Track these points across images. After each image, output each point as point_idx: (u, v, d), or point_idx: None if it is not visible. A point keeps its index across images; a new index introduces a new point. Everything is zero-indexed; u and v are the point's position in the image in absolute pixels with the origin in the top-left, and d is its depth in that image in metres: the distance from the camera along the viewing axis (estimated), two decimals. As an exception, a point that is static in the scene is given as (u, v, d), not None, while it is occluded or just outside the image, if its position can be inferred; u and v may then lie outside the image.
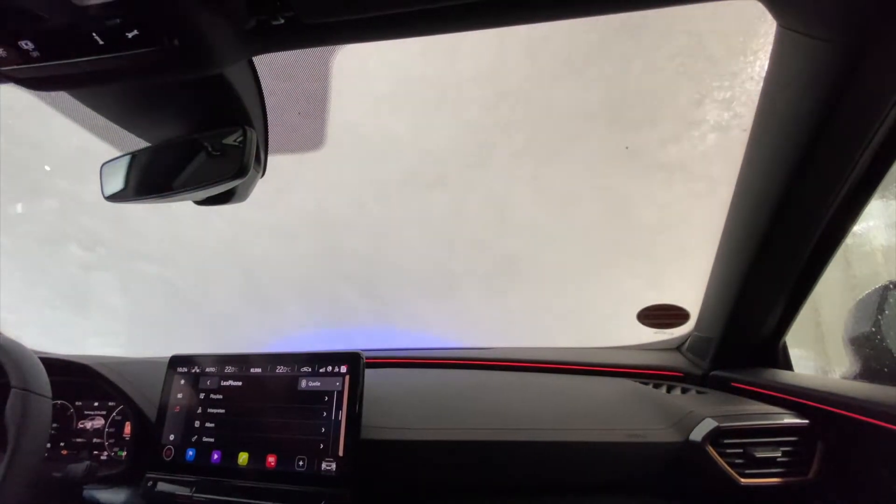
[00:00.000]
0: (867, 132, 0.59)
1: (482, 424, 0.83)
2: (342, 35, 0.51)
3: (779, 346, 0.92)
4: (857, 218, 0.70)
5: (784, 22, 0.57)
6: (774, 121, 0.68)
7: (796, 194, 0.69)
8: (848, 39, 0.52)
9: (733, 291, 0.88)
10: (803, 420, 0.73)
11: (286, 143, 1.17)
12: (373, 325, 1.48)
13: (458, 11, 0.46)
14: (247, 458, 0.82)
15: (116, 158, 0.67)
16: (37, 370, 0.75)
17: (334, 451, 0.77)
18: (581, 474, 0.78)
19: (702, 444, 0.73)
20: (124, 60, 0.44)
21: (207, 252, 1.46)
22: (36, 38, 0.42)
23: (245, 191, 0.70)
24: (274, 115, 0.66)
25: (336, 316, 1.49)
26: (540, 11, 0.48)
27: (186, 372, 0.92)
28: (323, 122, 1.11)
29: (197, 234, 1.43)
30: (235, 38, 0.47)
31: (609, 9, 0.49)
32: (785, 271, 0.79)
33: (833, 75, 0.56)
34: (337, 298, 1.47)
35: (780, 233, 0.75)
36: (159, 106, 0.61)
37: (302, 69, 0.97)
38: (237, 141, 0.58)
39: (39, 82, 0.49)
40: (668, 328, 1.21)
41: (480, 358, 1.23)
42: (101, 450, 0.99)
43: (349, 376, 0.82)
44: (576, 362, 1.16)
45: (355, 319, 1.47)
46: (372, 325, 1.48)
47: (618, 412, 0.87)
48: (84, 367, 0.99)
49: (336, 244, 1.38)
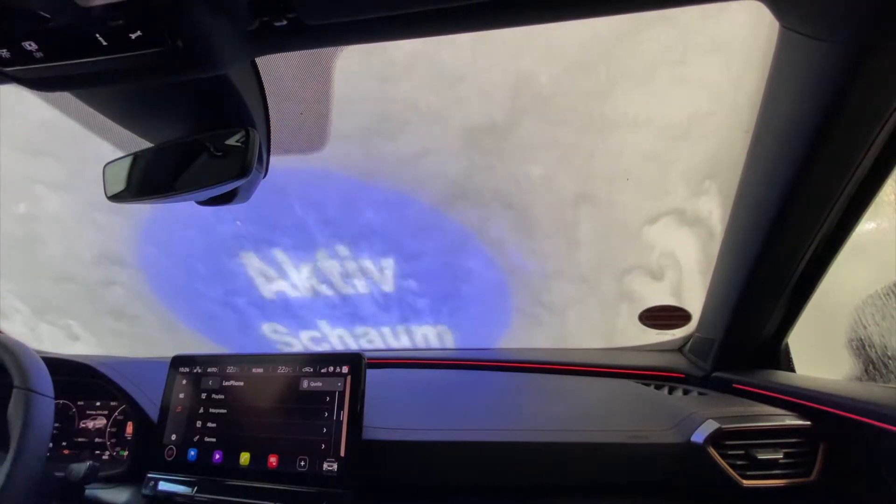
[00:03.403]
0: (870, 133, 0.59)
1: (484, 425, 0.83)
2: (344, 36, 0.51)
3: (781, 348, 0.92)
4: (860, 219, 0.70)
5: (786, 22, 0.57)
6: (777, 122, 0.68)
7: (798, 195, 0.69)
8: (850, 40, 0.52)
9: (735, 293, 0.87)
10: (805, 421, 0.73)
11: (289, 144, 1.17)
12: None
13: (458, 12, 0.46)
14: (248, 458, 0.82)
15: (119, 159, 0.67)
16: (39, 370, 0.75)
17: (336, 452, 0.78)
18: (582, 475, 0.78)
19: (703, 446, 0.72)
20: (127, 61, 0.44)
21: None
22: (39, 39, 0.42)
23: (247, 191, 0.70)
24: (276, 115, 0.67)
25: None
26: (541, 12, 0.48)
27: (188, 372, 0.92)
28: (327, 121, 1.11)
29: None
30: (238, 39, 0.47)
31: (609, 9, 0.49)
32: (787, 272, 0.79)
33: (835, 76, 0.56)
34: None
35: (782, 234, 0.74)
36: (162, 106, 0.61)
37: (306, 70, 0.98)
38: (240, 141, 0.58)
39: (42, 83, 0.49)
40: (670, 329, 1.20)
41: (482, 359, 1.23)
42: (103, 449, 0.99)
43: (351, 377, 0.82)
44: (577, 363, 1.15)
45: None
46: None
47: (619, 413, 0.87)
48: (86, 367, 0.99)
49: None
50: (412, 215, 1.29)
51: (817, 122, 0.60)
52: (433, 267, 1.40)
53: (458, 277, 1.41)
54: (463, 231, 1.29)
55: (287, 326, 1.62)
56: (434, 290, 1.45)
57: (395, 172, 1.22)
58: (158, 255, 1.51)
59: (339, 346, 1.62)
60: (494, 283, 1.38)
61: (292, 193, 1.29)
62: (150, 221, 1.44)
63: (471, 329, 1.49)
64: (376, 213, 1.32)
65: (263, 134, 0.64)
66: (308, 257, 1.43)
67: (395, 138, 1.16)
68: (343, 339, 1.61)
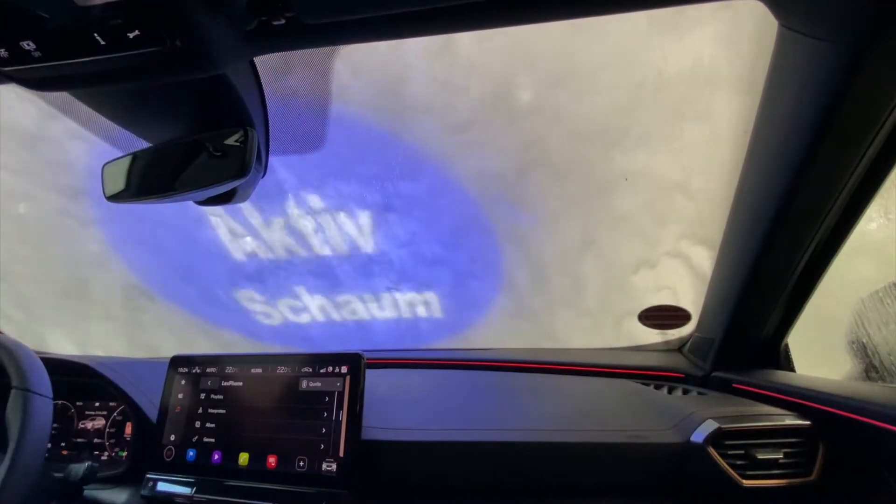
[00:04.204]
0: (869, 132, 0.59)
1: (483, 425, 0.83)
2: (343, 35, 0.51)
3: (780, 347, 0.92)
4: (859, 218, 0.70)
5: (785, 22, 0.57)
6: (776, 121, 0.68)
7: (798, 195, 0.69)
8: (849, 39, 0.52)
9: (735, 292, 0.87)
10: (805, 421, 0.73)
11: (288, 144, 1.16)
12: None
13: (457, 11, 0.46)
14: (247, 459, 0.82)
15: (118, 159, 0.67)
16: (38, 370, 0.75)
17: (335, 452, 0.77)
18: (581, 475, 0.78)
19: (703, 446, 0.72)
20: (126, 61, 0.44)
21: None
22: (38, 39, 0.42)
23: (246, 191, 0.70)
24: (275, 115, 0.66)
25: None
26: (540, 12, 0.48)
27: (187, 372, 0.92)
28: (326, 120, 1.10)
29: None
30: (236, 38, 0.47)
31: (609, 9, 0.49)
32: (786, 272, 0.79)
33: (834, 75, 0.56)
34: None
35: (782, 233, 0.74)
36: (160, 106, 0.61)
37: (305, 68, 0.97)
38: (238, 141, 0.58)
39: (41, 83, 0.49)
40: (670, 329, 1.20)
41: (482, 359, 1.23)
42: (102, 450, 0.99)
43: (350, 377, 0.82)
44: (576, 363, 1.16)
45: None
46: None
47: (618, 413, 0.87)
48: (85, 368, 0.99)
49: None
50: (397, 159, 1.16)
51: (816, 122, 0.60)
52: (420, 226, 1.28)
53: (446, 241, 1.30)
54: (442, 177, 1.17)
55: (263, 294, 1.50)
56: (421, 255, 1.33)
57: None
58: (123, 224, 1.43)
59: (319, 316, 1.51)
60: (485, 247, 1.27)
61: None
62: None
63: (459, 297, 1.40)
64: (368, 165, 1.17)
65: (262, 133, 0.64)
66: (279, 211, 1.30)
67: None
68: (324, 308, 1.49)
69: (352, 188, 1.23)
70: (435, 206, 1.24)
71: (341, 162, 1.19)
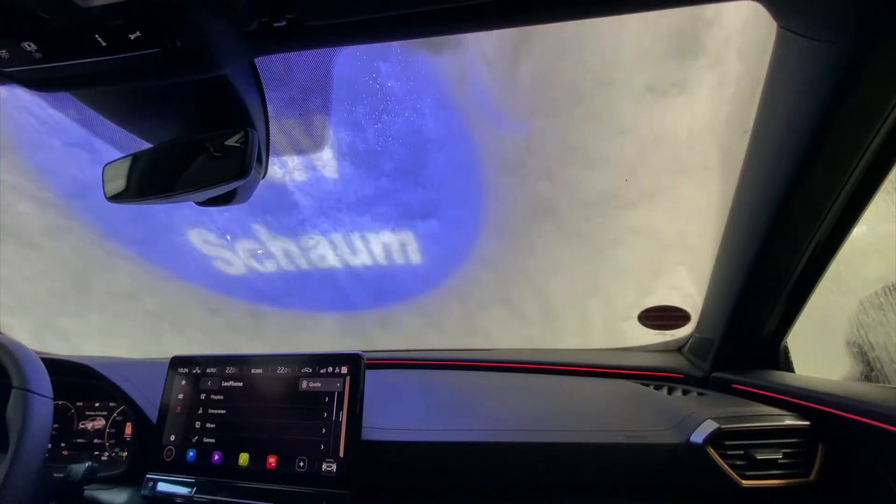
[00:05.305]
0: (868, 133, 0.59)
1: (483, 426, 0.83)
2: (343, 36, 0.51)
3: (780, 348, 0.92)
4: (858, 219, 0.70)
5: (784, 23, 0.57)
6: (775, 122, 0.68)
7: (797, 195, 0.69)
8: (848, 41, 0.52)
9: (734, 293, 0.87)
10: (804, 422, 0.73)
11: (288, 144, 1.16)
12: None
13: (457, 13, 0.46)
14: (247, 459, 0.82)
15: (118, 159, 0.67)
16: (38, 370, 0.75)
17: (335, 452, 0.78)
18: (581, 476, 0.78)
19: (703, 446, 0.72)
20: (127, 62, 0.44)
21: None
22: (39, 40, 0.42)
23: (246, 192, 0.70)
24: (276, 116, 0.66)
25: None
26: (541, 13, 0.48)
27: (187, 372, 0.92)
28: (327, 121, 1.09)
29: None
30: (237, 39, 0.47)
31: (609, 10, 0.49)
32: (786, 272, 0.79)
33: (833, 76, 0.56)
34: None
35: (781, 234, 0.75)
36: (161, 107, 0.61)
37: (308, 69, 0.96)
38: (239, 142, 0.58)
39: (42, 83, 0.49)
40: (669, 329, 1.20)
41: (481, 360, 1.23)
42: (102, 450, 0.99)
43: (350, 377, 0.82)
44: (576, 364, 1.16)
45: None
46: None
47: (618, 414, 0.87)
48: (85, 368, 0.99)
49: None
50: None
51: (815, 123, 0.61)
52: (390, 153, 1.15)
53: (422, 166, 1.16)
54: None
55: (218, 235, 1.36)
56: (394, 184, 1.20)
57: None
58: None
59: (283, 259, 1.38)
60: (465, 178, 1.16)
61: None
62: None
63: (437, 239, 1.32)
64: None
65: (263, 134, 0.64)
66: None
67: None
68: (287, 251, 1.35)
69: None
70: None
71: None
